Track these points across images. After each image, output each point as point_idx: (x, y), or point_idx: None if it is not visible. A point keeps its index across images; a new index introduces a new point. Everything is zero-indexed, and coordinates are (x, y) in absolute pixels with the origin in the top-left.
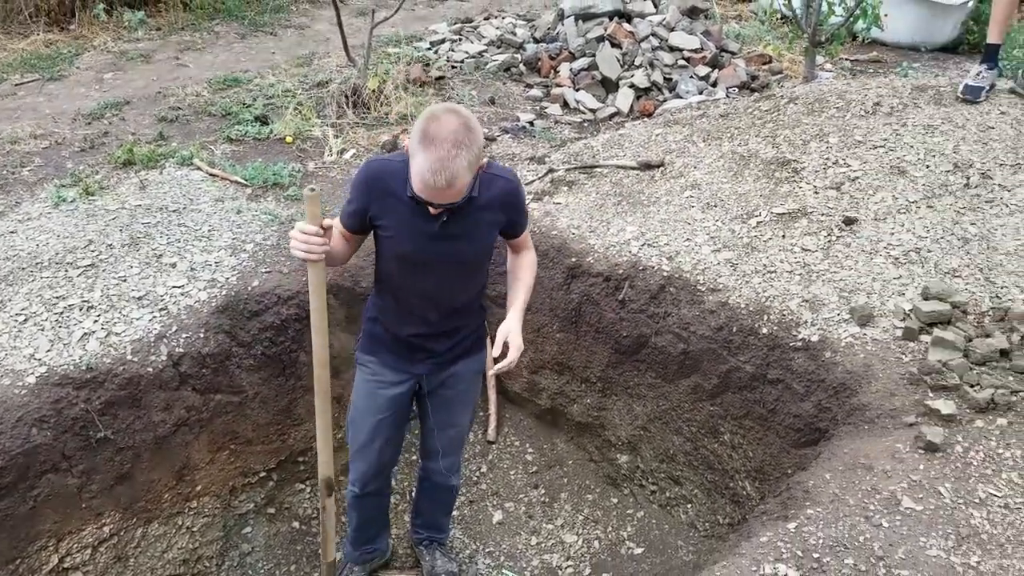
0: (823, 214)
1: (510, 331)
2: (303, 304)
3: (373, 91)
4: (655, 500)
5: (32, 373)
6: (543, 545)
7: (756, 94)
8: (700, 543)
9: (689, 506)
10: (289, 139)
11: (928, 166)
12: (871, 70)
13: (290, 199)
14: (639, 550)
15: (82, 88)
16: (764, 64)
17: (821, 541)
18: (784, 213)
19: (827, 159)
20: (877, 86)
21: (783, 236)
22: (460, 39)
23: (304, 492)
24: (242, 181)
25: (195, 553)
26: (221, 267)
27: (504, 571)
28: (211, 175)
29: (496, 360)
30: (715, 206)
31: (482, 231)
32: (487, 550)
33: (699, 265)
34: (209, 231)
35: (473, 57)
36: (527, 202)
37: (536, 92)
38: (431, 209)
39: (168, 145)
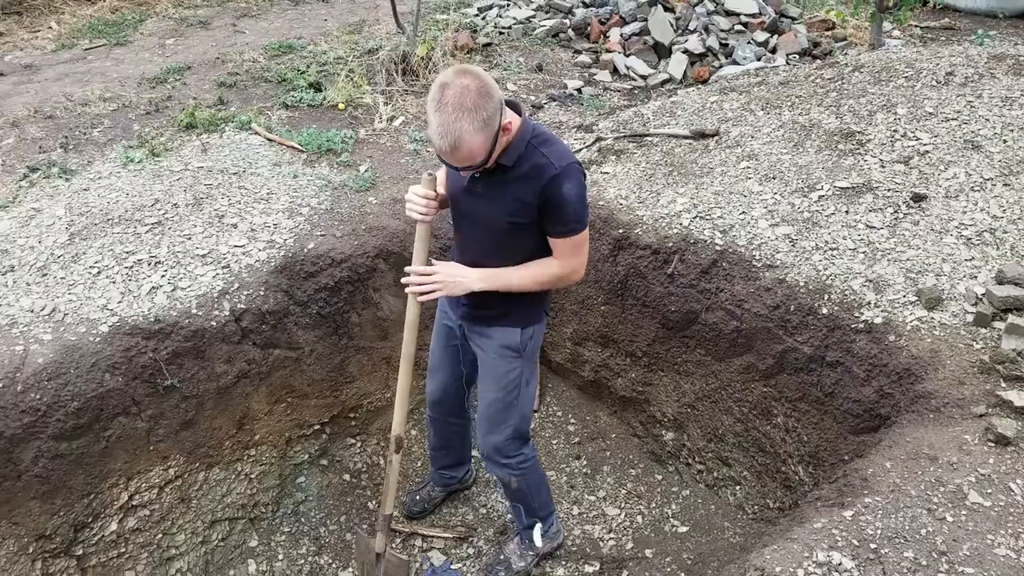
0: (890, 189)
1: (451, 265)
2: (355, 267)
3: (421, 58)
4: (702, 480)
5: (105, 323)
6: (585, 516)
7: (818, 61)
8: (748, 526)
9: (737, 488)
10: (341, 106)
11: (1005, 141)
12: (943, 38)
13: (342, 165)
14: (684, 528)
15: (146, 53)
16: (827, 30)
17: (879, 531)
18: (848, 187)
19: (895, 131)
20: (950, 55)
21: (846, 212)
22: (508, 4)
23: (355, 447)
24: (298, 146)
25: (252, 499)
26: (279, 229)
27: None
28: (268, 140)
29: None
30: (773, 178)
31: (506, 201)
32: None
33: (755, 240)
34: (268, 194)
35: (521, 23)
36: (576, 211)
37: (585, 58)
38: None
39: (227, 110)
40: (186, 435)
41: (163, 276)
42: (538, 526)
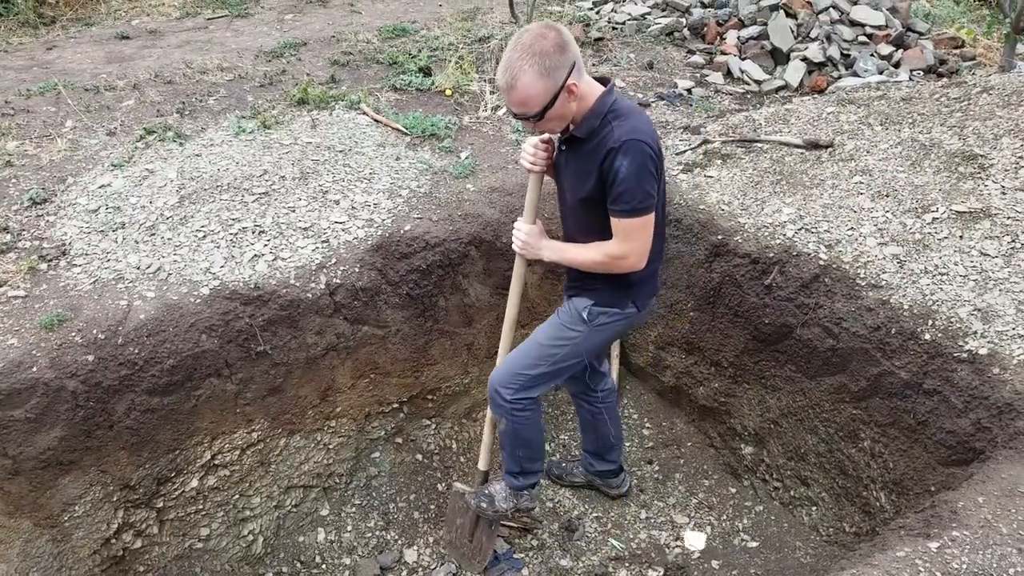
0: (1010, 217)
1: (534, 232)
2: (448, 252)
3: None
4: (777, 497)
5: (206, 285)
6: (652, 521)
7: (943, 79)
8: (821, 548)
9: (814, 508)
10: (448, 92)
11: None
12: None
13: (444, 150)
14: (753, 544)
15: (265, 27)
16: (955, 48)
17: (965, 566)
18: (965, 212)
19: (1021, 158)
20: None
21: (960, 236)
22: (624, 0)
23: (429, 428)
24: (403, 129)
25: (328, 469)
26: (379, 209)
27: (611, 539)
28: (375, 120)
29: None
30: (887, 196)
31: (580, 176)
32: (595, 515)
33: (861, 257)
34: (370, 174)
35: (635, 19)
36: (629, 191)
37: (698, 59)
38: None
39: (338, 88)
40: (272, 401)
41: (266, 245)
42: (503, 483)
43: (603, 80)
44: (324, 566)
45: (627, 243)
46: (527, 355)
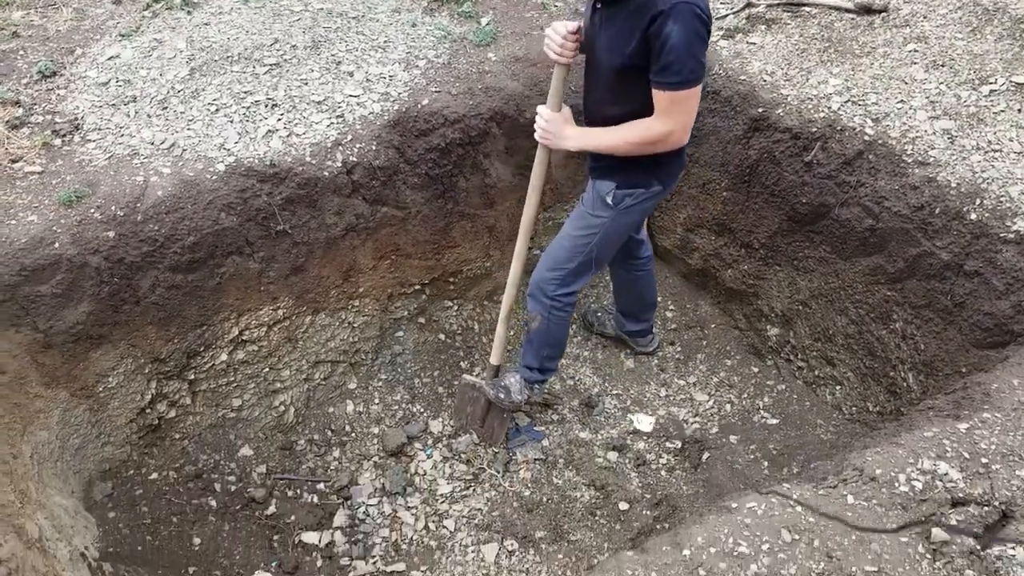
0: None
1: (558, 120)
2: (468, 129)
3: None
4: (800, 376)
5: (222, 161)
6: (672, 398)
7: None
8: (842, 426)
9: (838, 388)
10: None
11: None
12: None
13: (463, 16)
14: (773, 421)
15: None
16: None
17: (993, 447)
18: None
19: None
20: None
21: (1019, 110)
22: None
23: (451, 309)
24: None
25: (354, 346)
26: (394, 81)
27: (630, 415)
28: None
29: None
30: (942, 65)
31: (619, 42)
32: (615, 392)
33: (910, 132)
34: (385, 42)
35: None
36: (680, 60)
37: None
38: None
39: None
40: (295, 280)
41: (279, 120)
42: (518, 375)
43: None
44: (354, 435)
45: (671, 118)
46: (561, 249)
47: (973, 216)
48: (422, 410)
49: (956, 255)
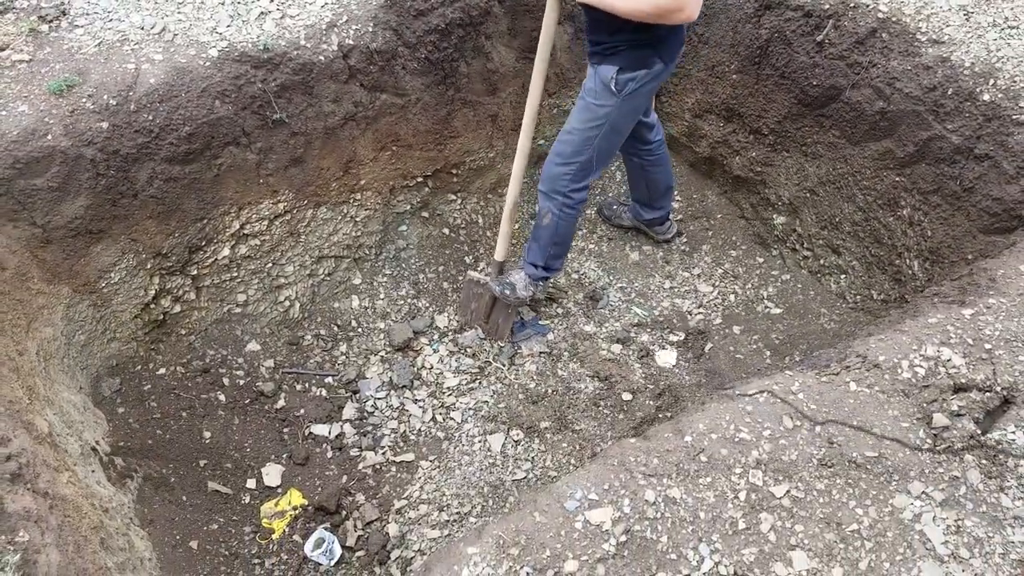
0: None
1: None
2: (468, 8)
3: None
4: (805, 266)
5: (214, 47)
6: (676, 290)
7: None
8: (846, 314)
9: (843, 277)
10: None
11: None
12: None
13: None
14: (777, 310)
15: None
16: None
17: (997, 332)
18: None
19: None
20: None
21: None
22: None
23: (455, 203)
24: None
25: (357, 240)
26: None
27: (634, 307)
28: None
29: None
30: None
31: None
32: (619, 285)
33: (925, 9)
34: None
35: None
36: None
37: None
38: None
39: None
40: (295, 172)
41: (272, 1)
42: (523, 271)
43: None
44: (360, 329)
45: None
46: (568, 144)
47: (986, 97)
48: (427, 305)
49: (967, 138)
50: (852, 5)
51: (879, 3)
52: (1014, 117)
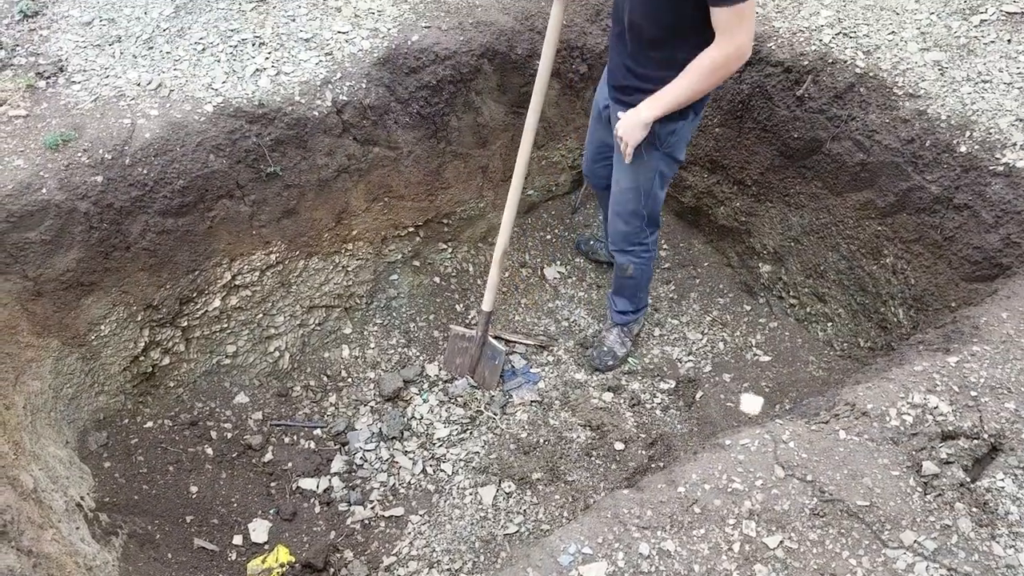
0: None
1: (623, 120)
2: (459, 66)
3: None
4: (792, 314)
5: (209, 102)
6: (666, 337)
7: None
8: (834, 362)
9: (829, 324)
10: None
11: None
12: None
13: None
14: (766, 358)
15: None
16: None
17: (983, 380)
18: (1017, 12)
19: None
20: None
21: (1009, 40)
22: None
23: (446, 252)
24: None
25: (348, 290)
26: (383, 17)
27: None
28: None
29: None
30: None
31: None
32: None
33: (900, 64)
34: None
35: None
36: None
37: None
38: None
39: None
40: (287, 223)
41: (267, 59)
42: (615, 330)
43: None
44: (350, 379)
45: (740, 32)
46: (628, 202)
47: (963, 148)
48: (418, 354)
49: (946, 188)
50: (831, 61)
51: (856, 59)
52: (990, 168)
